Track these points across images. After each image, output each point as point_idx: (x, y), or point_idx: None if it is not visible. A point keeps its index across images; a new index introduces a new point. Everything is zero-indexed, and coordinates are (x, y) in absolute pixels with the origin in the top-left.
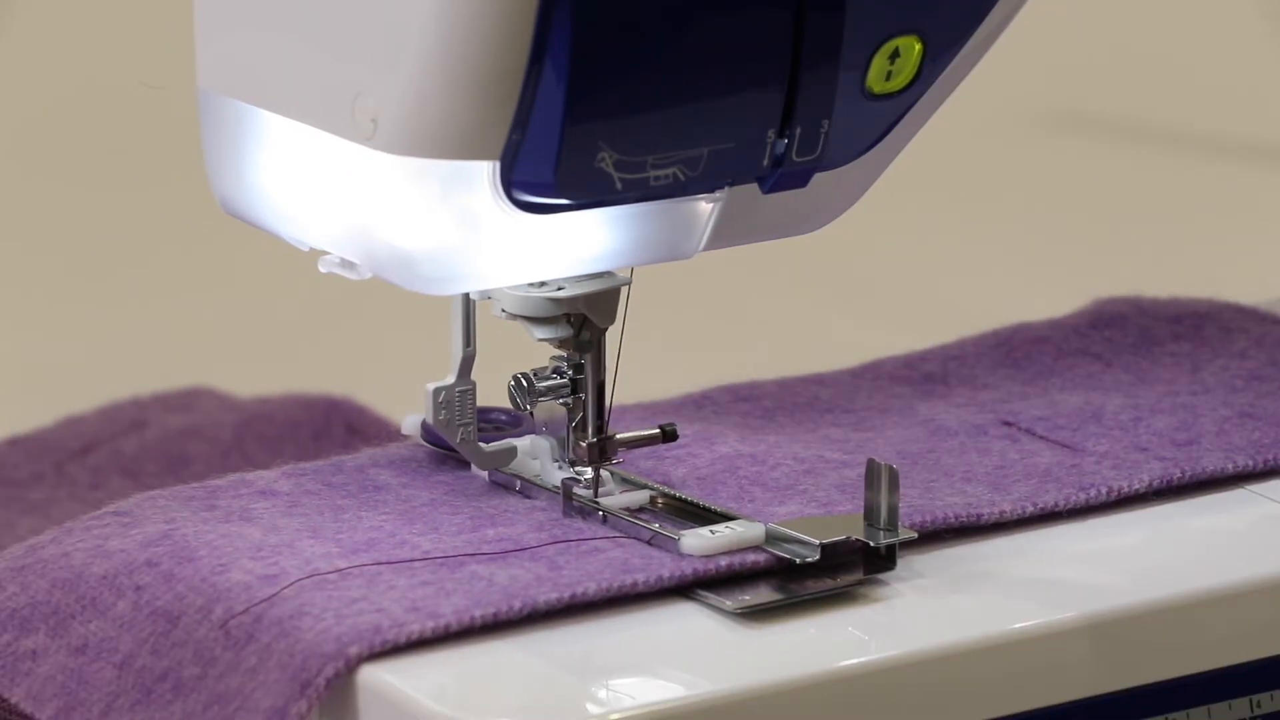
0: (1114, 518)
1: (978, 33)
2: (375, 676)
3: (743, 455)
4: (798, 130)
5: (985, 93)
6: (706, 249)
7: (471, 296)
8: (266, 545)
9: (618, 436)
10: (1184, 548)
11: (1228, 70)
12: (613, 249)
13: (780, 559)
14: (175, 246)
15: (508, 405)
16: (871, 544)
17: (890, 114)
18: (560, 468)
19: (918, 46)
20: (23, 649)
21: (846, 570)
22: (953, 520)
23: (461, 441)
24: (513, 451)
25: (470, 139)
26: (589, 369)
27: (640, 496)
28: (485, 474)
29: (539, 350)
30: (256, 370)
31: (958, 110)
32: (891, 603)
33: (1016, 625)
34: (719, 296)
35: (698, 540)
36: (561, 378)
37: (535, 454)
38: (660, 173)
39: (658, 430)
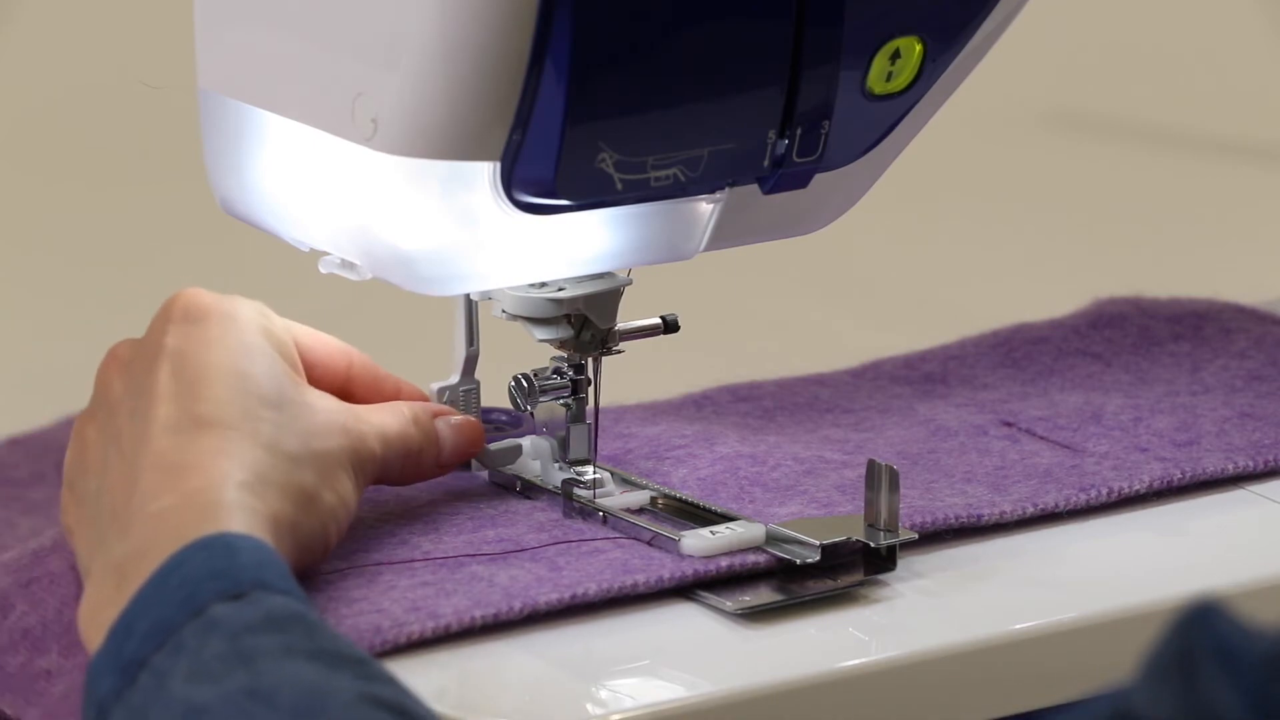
0: (1114, 518)
1: (978, 33)
2: None
3: (743, 456)
4: (798, 131)
5: (985, 93)
6: (707, 249)
7: (472, 297)
8: None
9: (618, 327)
10: (1184, 548)
11: (1228, 70)
12: (613, 249)
13: (781, 560)
14: (175, 246)
15: (508, 406)
16: (872, 545)
17: (891, 114)
18: (561, 468)
19: (918, 47)
20: (37, 669)
21: (847, 571)
22: (953, 521)
23: None
24: (517, 450)
25: (470, 139)
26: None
27: (641, 497)
28: (485, 474)
29: (540, 351)
30: None
31: (958, 110)
32: (892, 603)
33: (1016, 625)
34: (719, 296)
35: (698, 541)
36: (562, 378)
37: (536, 455)
38: (661, 173)
39: (659, 320)
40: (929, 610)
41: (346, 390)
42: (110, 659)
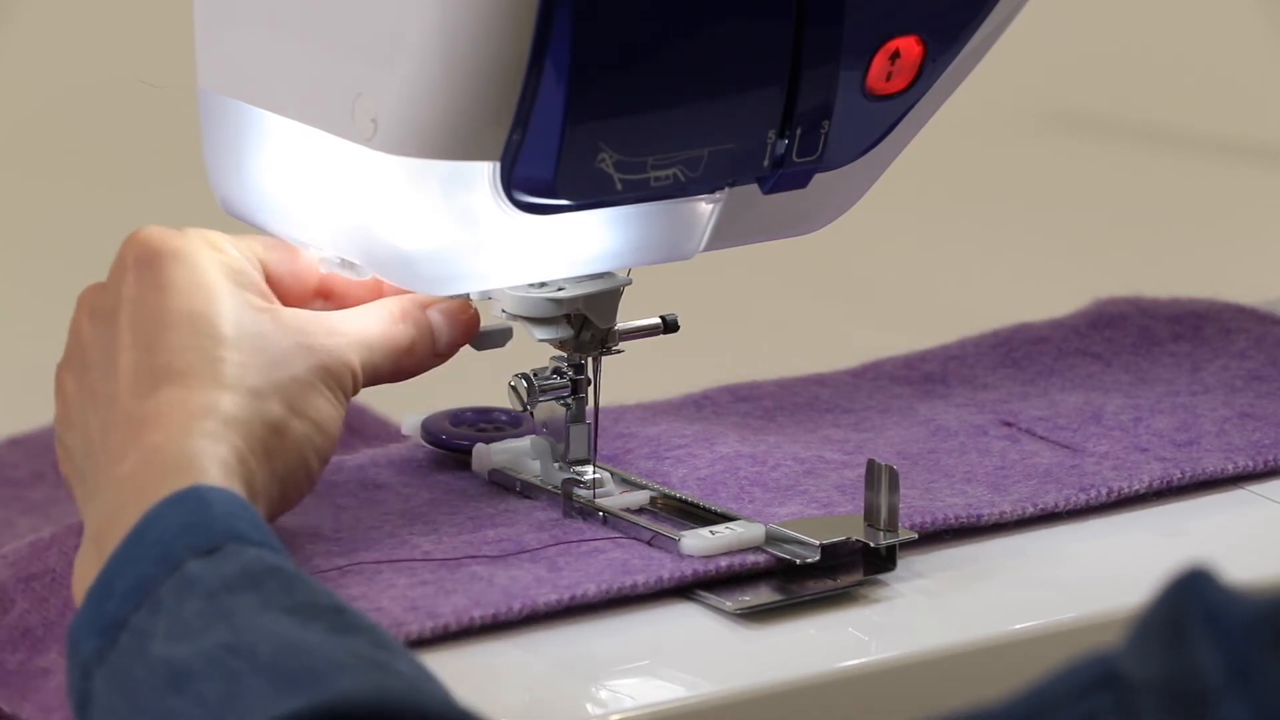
0: (1114, 518)
1: (978, 33)
2: None
3: (743, 456)
4: (798, 131)
5: (985, 93)
6: (707, 249)
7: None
8: None
9: (618, 327)
10: (1184, 548)
11: (1228, 70)
12: (613, 249)
13: (780, 559)
14: None
15: (508, 405)
16: (872, 545)
17: (891, 114)
18: (561, 468)
19: (918, 47)
20: (35, 668)
21: (847, 571)
22: (953, 521)
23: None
24: (508, 332)
25: (470, 139)
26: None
27: (640, 497)
28: (485, 474)
29: (540, 350)
30: None
31: (958, 110)
32: (892, 603)
33: (1016, 625)
34: (719, 296)
35: (698, 541)
36: (562, 378)
37: (536, 454)
38: (660, 173)
39: (659, 320)
40: (929, 610)
41: (322, 298)
42: (91, 620)
